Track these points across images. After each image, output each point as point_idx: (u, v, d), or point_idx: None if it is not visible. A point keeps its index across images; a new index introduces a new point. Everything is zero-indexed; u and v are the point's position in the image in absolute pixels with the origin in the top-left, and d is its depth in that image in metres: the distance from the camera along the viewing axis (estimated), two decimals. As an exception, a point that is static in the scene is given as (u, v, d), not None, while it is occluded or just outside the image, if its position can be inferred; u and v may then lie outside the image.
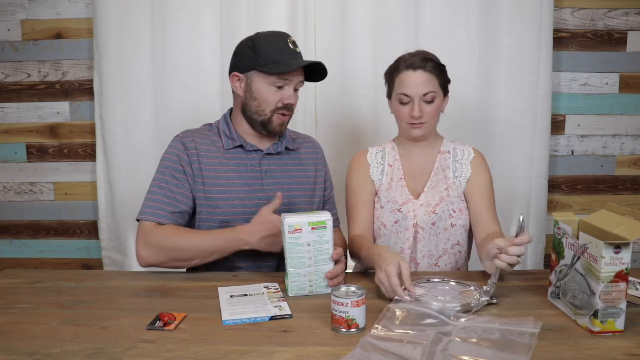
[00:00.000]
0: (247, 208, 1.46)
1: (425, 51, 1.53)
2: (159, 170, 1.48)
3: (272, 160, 1.53)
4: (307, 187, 1.58)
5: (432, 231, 1.52)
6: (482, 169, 1.57)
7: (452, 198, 1.53)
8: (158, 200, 1.43)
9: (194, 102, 2.16)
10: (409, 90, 1.47)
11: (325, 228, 1.25)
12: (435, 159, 1.59)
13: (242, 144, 1.50)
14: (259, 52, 1.42)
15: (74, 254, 2.41)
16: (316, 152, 1.64)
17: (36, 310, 1.19)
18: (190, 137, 1.50)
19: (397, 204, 1.54)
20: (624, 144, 2.30)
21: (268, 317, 1.13)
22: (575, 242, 1.09)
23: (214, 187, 1.46)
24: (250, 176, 1.49)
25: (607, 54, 2.23)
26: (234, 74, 1.48)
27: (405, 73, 1.49)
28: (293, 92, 1.46)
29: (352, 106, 2.18)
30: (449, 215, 1.52)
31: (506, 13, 2.10)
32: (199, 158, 1.46)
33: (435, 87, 1.49)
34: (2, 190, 2.38)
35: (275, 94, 1.44)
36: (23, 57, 2.27)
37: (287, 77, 1.43)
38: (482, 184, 1.55)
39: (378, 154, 1.62)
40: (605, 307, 1.03)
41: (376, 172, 1.59)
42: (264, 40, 1.44)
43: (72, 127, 2.32)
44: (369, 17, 2.11)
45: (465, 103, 2.13)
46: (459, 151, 1.60)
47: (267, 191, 1.49)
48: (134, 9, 2.12)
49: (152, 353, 0.98)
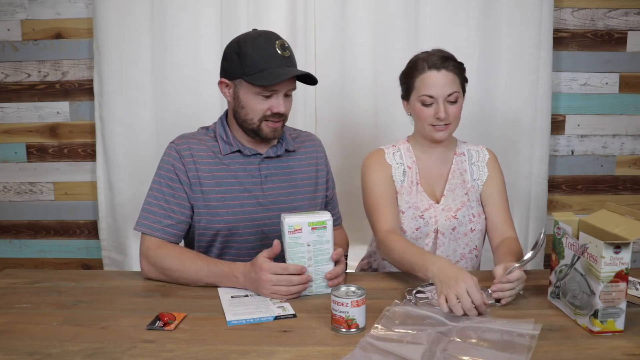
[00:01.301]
0: (247, 215, 1.44)
1: (442, 49, 1.49)
2: (154, 180, 1.44)
3: (272, 164, 1.48)
4: (309, 189, 1.54)
5: (452, 236, 1.50)
6: (497, 171, 1.56)
7: (472, 202, 1.52)
8: (154, 212, 1.40)
9: (194, 102, 2.16)
10: (434, 91, 1.43)
11: (325, 228, 1.24)
12: (452, 161, 1.56)
13: (240, 148, 1.45)
14: (245, 60, 1.35)
15: (74, 254, 2.41)
16: (317, 150, 1.59)
17: (36, 310, 1.18)
18: (185, 143, 1.44)
19: (419, 210, 1.49)
20: (624, 144, 2.30)
21: (272, 317, 1.13)
22: (575, 242, 1.09)
23: (213, 194, 1.42)
24: (250, 181, 1.45)
25: (607, 54, 2.23)
26: (222, 80, 1.43)
27: (428, 73, 1.43)
28: (283, 99, 1.39)
29: (352, 106, 2.17)
30: (469, 220, 1.50)
31: (506, 13, 2.10)
32: (196, 165, 1.42)
33: (458, 87, 1.46)
34: (2, 190, 2.37)
35: (262, 103, 1.38)
36: (23, 57, 2.27)
37: (273, 88, 1.36)
38: (497, 186, 1.54)
39: (396, 154, 1.55)
40: (605, 307, 1.02)
41: (398, 173, 1.53)
42: (250, 46, 1.36)
43: (72, 127, 2.32)
44: (369, 17, 2.11)
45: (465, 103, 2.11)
46: (474, 153, 1.58)
47: (268, 196, 1.45)
48: (134, 9, 2.12)
49: (152, 353, 0.98)
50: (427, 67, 1.44)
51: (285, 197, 1.47)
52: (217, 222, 1.43)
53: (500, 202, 1.53)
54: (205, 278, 1.31)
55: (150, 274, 1.39)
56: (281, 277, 1.22)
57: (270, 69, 1.34)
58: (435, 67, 1.43)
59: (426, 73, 1.44)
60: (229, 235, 1.45)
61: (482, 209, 1.53)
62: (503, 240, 1.47)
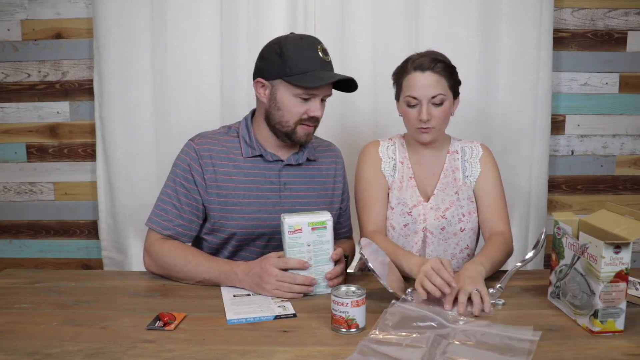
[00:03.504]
0: (262, 221, 1.43)
1: (435, 52, 1.49)
2: (169, 177, 1.44)
3: (292, 172, 1.47)
4: (325, 200, 1.52)
5: (442, 236, 1.50)
6: (491, 166, 1.55)
7: (461, 202, 1.51)
8: (166, 210, 1.41)
9: (194, 102, 2.16)
10: (417, 92, 1.43)
11: (325, 228, 1.24)
12: (445, 159, 1.56)
13: (262, 153, 1.43)
14: (287, 61, 1.33)
15: (74, 254, 2.41)
16: (336, 162, 1.58)
17: (36, 310, 1.19)
18: (205, 143, 1.42)
19: (407, 206, 1.50)
20: (624, 144, 2.30)
21: (272, 316, 1.13)
22: (575, 242, 1.09)
23: (230, 197, 1.41)
24: (269, 187, 1.44)
25: (607, 54, 2.23)
26: (259, 80, 1.40)
27: (413, 74, 1.44)
28: (320, 104, 1.38)
29: (352, 106, 2.17)
30: (459, 220, 1.50)
31: (506, 13, 2.10)
32: (214, 168, 1.40)
33: (445, 90, 1.44)
34: (2, 190, 2.37)
35: (300, 106, 1.37)
36: (23, 57, 2.27)
37: (314, 91, 1.35)
38: (490, 181, 1.53)
39: (390, 148, 1.57)
40: (605, 307, 1.03)
41: (388, 167, 1.54)
42: (293, 47, 1.35)
43: (72, 127, 2.32)
44: (369, 17, 2.11)
45: (465, 103, 2.11)
46: (467, 149, 1.57)
47: (284, 204, 1.44)
48: (134, 9, 2.11)
49: (152, 353, 0.98)
50: (413, 68, 1.44)
51: (302, 207, 1.43)
52: (231, 226, 1.42)
53: (493, 197, 1.52)
54: (205, 274, 1.32)
55: (151, 268, 1.40)
56: (285, 273, 1.23)
57: (313, 71, 1.34)
58: (420, 69, 1.43)
59: (411, 74, 1.44)
60: (241, 240, 1.45)
61: (475, 206, 1.53)
62: (490, 235, 1.47)
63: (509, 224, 1.52)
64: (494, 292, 1.21)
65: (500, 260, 1.39)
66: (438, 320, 1.07)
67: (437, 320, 1.07)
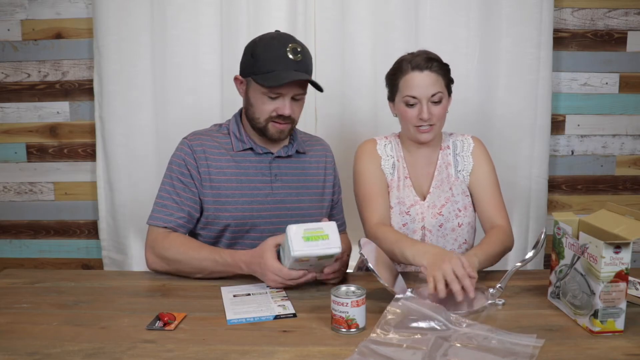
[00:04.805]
0: (255, 212, 1.45)
1: (427, 50, 1.50)
2: (166, 174, 1.47)
3: (283, 164, 1.51)
4: (317, 191, 1.55)
5: (440, 233, 1.51)
6: (483, 158, 1.55)
7: (456, 197, 1.52)
8: (166, 205, 1.43)
9: (194, 102, 2.16)
10: (417, 92, 1.44)
11: (331, 259, 1.23)
12: (438, 156, 1.57)
13: (252, 146, 1.48)
14: (256, 60, 1.38)
15: (74, 254, 2.41)
16: (326, 155, 1.62)
17: (36, 310, 1.18)
18: (198, 140, 1.47)
19: (405, 206, 1.51)
20: (624, 144, 2.30)
21: (272, 316, 1.13)
22: (575, 242, 1.09)
23: (223, 190, 1.45)
24: (260, 179, 1.47)
25: (607, 54, 2.23)
26: (237, 77, 1.47)
27: (411, 74, 1.44)
28: (290, 102, 1.40)
29: (351, 106, 2.17)
30: (455, 215, 1.51)
31: (506, 13, 2.10)
32: (207, 162, 1.44)
33: (442, 88, 1.46)
34: (2, 190, 2.37)
35: (269, 104, 1.40)
36: (23, 57, 2.27)
37: (278, 90, 1.38)
38: (484, 174, 1.53)
39: (387, 146, 1.58)
40: (605, 307, 1.03)
41: (387, 165, 1.55)
42: (262, 46, 1.39)
43: (72, 127, 2.32)
44: (369, 17, 2.11)
45: (465, 103, 2.13)
46: (458, 143, 1.58)
47: (276, 195, 1.47)
48: (134, 9, 2.12)
49: (152, 353, 0.98)
50: (410, 68, 1.45)
51: (294, 197, 1.49)
52: (225, 218, 1.45)
53: (489, 191, 1.52)
54: (209, 268, 1.34)
55: (154, 265, 1.41)
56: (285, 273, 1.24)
57: (277, 71, 1.36)
58: (418, 68, 1.44)
59: (409, 74, 1.45)
60: (235, 232, 1.47)
61: (470, 200, 1.53)
62: (490, 229, 1.47)
63: (507, 215, 1.51)
64: (494, 292, 1.21)
65: (496, 252, 1.38)
66: (441, 321, 1.06)
67: (440, 322, 1.06)
